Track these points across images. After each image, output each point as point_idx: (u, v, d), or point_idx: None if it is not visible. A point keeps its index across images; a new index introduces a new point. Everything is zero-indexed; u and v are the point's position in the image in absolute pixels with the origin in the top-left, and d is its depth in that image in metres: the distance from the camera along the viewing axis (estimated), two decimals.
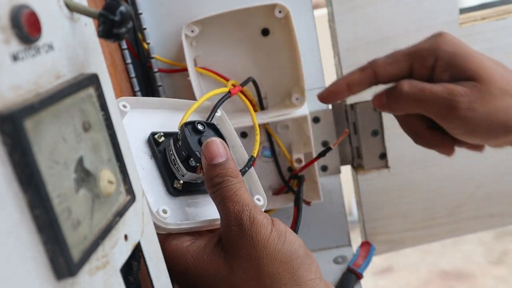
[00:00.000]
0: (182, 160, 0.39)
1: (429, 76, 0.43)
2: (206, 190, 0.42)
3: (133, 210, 0.28)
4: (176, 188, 0.40)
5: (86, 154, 0.23)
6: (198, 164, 0.39)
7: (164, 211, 0.38)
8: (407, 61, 0.43)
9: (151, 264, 0.30)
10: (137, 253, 0.28)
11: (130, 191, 0.27)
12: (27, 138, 0.18)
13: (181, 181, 0.41)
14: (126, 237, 0.26)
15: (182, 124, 0.40)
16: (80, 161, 0.22)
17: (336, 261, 0.63)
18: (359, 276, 0.59)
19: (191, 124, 0.40)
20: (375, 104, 0.46)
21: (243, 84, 0.52)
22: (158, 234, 0.37)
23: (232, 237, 0.35)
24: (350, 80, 0.45)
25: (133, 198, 0.27)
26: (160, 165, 0.41)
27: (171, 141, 0.40)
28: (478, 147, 0.46)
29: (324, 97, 0.46)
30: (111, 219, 0.24)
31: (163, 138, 0.42)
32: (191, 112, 0.43)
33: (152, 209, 0.37)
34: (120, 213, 0.25)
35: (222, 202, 0.36)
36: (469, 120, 0.41)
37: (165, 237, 0.38)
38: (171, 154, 0.40)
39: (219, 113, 0.45)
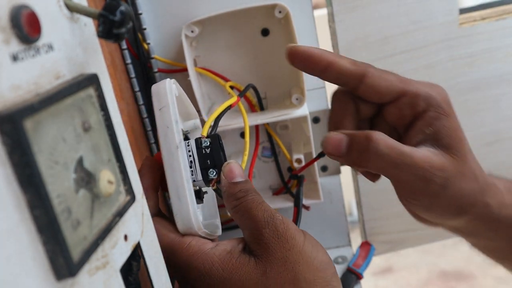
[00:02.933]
0: (203, 168, 0.39)
1: (411, 120, 0.39)
2: (200, 199, 0.42)
3: (133, 210, 0.28)
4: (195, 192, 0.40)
5: (86, 154, 0.23)
6: (215, 177, 0.39)
7: (200, 214, 0.38)
8: (400, 89, 0.39)
9: (151, 264, 0.30)
10: (137, 253, 0.28)
11: (130, 191, 0.27)
12: (27, 138, 0.18)
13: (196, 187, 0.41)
14: (126, 237, 0.26)
15: (215, 135, 0.40)
16: (80, 161, 0.22)
17: (336, 261, 0.63)
18: (359, 276, 0.59)
19: (218, 137, 0.40)
20: (328, 149, 0.40)
21: (242, 94, 0.52)
22: (168, 235, 0.37)
23: (265, 239, 0.34)
24: (335, 62, 0.39)
25: (133, 198, 0.27)
26: None
27: (193, 144, 0.39)
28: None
29: (304, 50, 0.39)
30: (111, 219, 0.24)
31: (184, 137, 0.41)
32: (210, 122, 0.43)
33: (192, 210, 0.36)
34: (120, 213, 0.25)
35: (248, 212, 0.36)
36: (435, 196, 0.38)
37: (179, 237, 0.37)
38: (189, 156, 0.39)
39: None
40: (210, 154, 0.39)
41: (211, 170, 0.39)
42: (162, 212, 0.40)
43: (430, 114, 0.38)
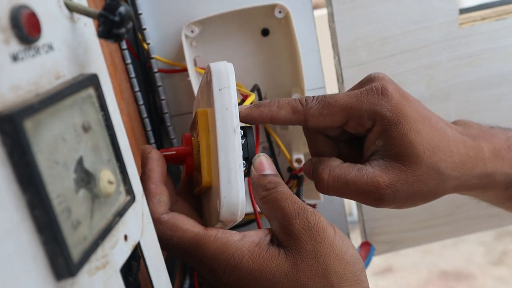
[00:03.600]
0: None
1: (363, 134, 0.41)
2: None
3: (133, 211, 0.28)
4: None
5: (86, 154, 0.23)
6: (244, 168, 0.38)
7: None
8: (343, 117, 0.40)
9: (151, 264, 0.30)
10: (137, 253, 0.28)
11: (130, 191, 0.27)
12: (27, 138, 0.18)
13: None
14: (126, 237, 0.26)
15: (249, 127, 0.39)
16: (80, 161, 0.22)
17: None
18: None
19: (251, 129, 0.39)
20: (306, 175, 0.44)
21: (253, 90, 0.52)
22: (191, 229, 0.35)
23: (295, 230, 0.34)
24: (277, 116, 0.40)
25: (133, 199, 0.27)
26: None
27: None
28: None
29: (244, 116, 0.41)
30: (111, 220, 0.24)
31: None
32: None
33: (242, 196, 0.36)
34: (120, 214, 0.25)
35: (276, 203, 0.36)
36: (392, 205, 0.40)
37: (204, 231, 0.36)
38: None
39: None
40: (245, 145, 0.38)
41: (242, 161, 0.38)
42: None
43: (377, 129, 0.39)
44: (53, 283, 0.20)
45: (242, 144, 0.37)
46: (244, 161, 0.37)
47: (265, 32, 0.55)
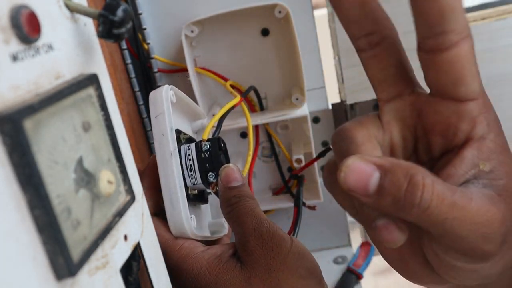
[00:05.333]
0: (202, 171, 0.39)
1: (463, 142, 0.28)
2: (204, 200, 0.43)
3: (133, 211, 0.28)
4: (189, 195, 0.40)
5: (86, 154, 0.23)
6: (214, 181, 0.39)
7: (193, 219, 0.39)
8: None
9: (151, 264, 0.30)
10: (136, 253, 0.28)
11: (129, 191, 0.27)
12: (27, 138, 0.18)
13: (196, 190, 0.41)
14: (125, 237, 0.26)
15: (215, 138, 0.40)
16: (80, 161, 0.22)
17: (336, 261, 0.63)
18: (359, 276, 0.59)
19: (218, 140, 0.41)
20: (349, 184, 0.24)
21: (245, 94, 0.52)
22: (163, 235, 0.37)
23: (250, 247, 0.35)
24: None
25: (132, 199, 0.27)
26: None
27: (193, 148, 0.40)
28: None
29: None
30: (111, 219, 0.24)
31: (184, 141, 0.41)
32: (212, 124, 0.43)
33: (185, 216, 0.37)
34: (120, 213, 0.25)
35: (239, 218, 0.36)
36: (490, 255, 0.26)
37: (173, 239, 0.38)
38: (189, 160, 0.40)
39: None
40: (209, 158, 0.39)
41: (210, 173, 0.39)
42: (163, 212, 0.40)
43: (488, 144, 0.27)
44: (53, 283, 0.20)
45: (207, 157, 0.39)
46: (213, 173, 0.39)
47: (265, 32, 0.55)
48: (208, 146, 0.40)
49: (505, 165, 0.27)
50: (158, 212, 0.39)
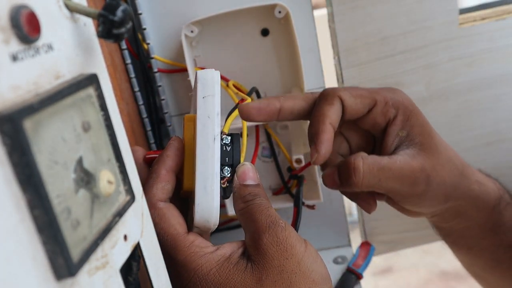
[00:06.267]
0: (220, 164, 0.38)
1: (384, 126, 0.43)
2: (225, 196, 0.42)
3: (133, 211, 0.28)
4: (220, 185, 0.39)
5: (86, 154, 0.23)
6: (228, 176, 0.38)
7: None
8: (371, 100, 0.43)
9: (151, 264, 0.30)
10: (136, 253, 0.28)
11: (129, 191, 0.27)
12: (27, 138, 0.18)
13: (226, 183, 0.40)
14: (125, 237, 0.26)
15: (237, 134, 0.39)
16: (80, 161, 0.22)
17: (336, 261, 0.63)
18: (359, 276, 0.59)
19: (238, 137, 0.40)
20: (328, 184, 0.44)
21: (248, 95, 0.52)
22: (175, 227, 0.36)
23: (263, 245, 0.34)
24: (293, 107, 0.45)
25: (132, 199, 0.27)
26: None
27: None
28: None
29: (254, 110, 0.44)
30: (111, 219, 0.24)
31: None
32: (234, 118, 0.42)
33: (216, 204, 0.36)
34: (120, 213, 0.25)
35: (252, 216, 0.35)
36: (423, 193, 0.42)
37: (184, 233, 0.36)
38: None
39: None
40: (230, 152, 0.38)
41: (226, 168, 0.38)
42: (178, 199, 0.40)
43: (400, 118, 0.42)
44: (53, 283, 0.20)
45: (227, 151, 0.38)
46: (229, 168, 0.38)
47: (265, 32, 0.55)
48: (229, 140, 0.39)
49: (416, 127, 0.42)
50: (173, 199, 0.38)
